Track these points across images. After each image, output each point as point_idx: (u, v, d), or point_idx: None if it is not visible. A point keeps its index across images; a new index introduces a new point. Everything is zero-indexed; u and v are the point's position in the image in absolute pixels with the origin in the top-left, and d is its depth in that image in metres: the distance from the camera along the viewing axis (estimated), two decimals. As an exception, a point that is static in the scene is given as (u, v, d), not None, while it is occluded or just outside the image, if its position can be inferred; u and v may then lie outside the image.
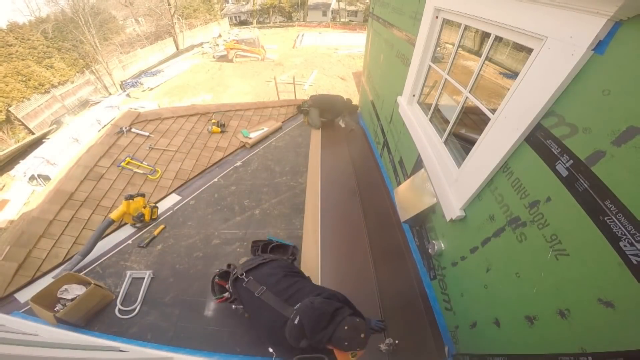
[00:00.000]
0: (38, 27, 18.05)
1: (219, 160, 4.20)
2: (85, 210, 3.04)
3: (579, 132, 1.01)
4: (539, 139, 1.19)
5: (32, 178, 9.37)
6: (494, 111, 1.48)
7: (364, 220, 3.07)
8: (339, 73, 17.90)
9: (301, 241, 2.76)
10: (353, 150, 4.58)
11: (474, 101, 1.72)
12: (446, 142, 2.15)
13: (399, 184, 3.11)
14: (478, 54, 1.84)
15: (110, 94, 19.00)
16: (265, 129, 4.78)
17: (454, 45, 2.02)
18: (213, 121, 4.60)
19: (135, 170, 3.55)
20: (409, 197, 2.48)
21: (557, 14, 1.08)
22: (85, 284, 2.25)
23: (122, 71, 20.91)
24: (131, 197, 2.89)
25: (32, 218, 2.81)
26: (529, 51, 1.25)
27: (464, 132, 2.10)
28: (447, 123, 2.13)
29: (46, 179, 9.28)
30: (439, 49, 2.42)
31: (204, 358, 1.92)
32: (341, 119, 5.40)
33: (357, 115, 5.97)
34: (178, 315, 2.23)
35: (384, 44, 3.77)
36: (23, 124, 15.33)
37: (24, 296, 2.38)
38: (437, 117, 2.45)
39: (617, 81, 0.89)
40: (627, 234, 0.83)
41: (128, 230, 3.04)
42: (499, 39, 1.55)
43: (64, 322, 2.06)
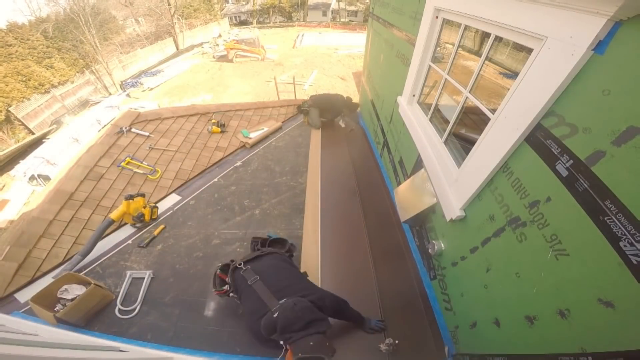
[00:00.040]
0: (38, 27, 18.07)
1: (219, 160, 4.20)
2: (85, 210, 3.04)
3: (579, 132, 1.01)
4: (539, 139, 1.19)
5: (32, 178, 9.38)
6: (494, 111, 1.48)
7: (364, 220, 3.07)
8: (339, 73, 17.90)
9: (301, 241, 2.76)
10: (353, 150, 4.58)
11: (474, 101, 1.72)
12: (446, 142, 2.15)
13: (399, 184, 3.11)
14: (478, 54, 1.84)
15: (110, 94, 19.01)
16: (265, 129, 4.78)
17: (454, 45, 2.02)
18: (213, 121, 4.60)
19: (135, 170, 3.56)
20: (409, 197, 2.48)
21: (557, 14, 1.08)
22: (85, 284, 2.25)
23: (122, 71, 20.92)
24: (131, 197, 2.89)
25: (32, 218, 2.81)
26: (529, 51, 1.25)
27: (464, 132, 2.10)
28: (447, 123, 2.13)
29: (46, 179, 9.28)
30: (439, 49, 2.42)
31: (204, 358, 1.92)
32: (341, 118, 5.38)
33: (357, 115, 5.96)
34: (178, 315, 2.23)
35: (384, 44, 3.77)
36: (23, 124, 15.34)
37: (24, 296, 2.38)
38: (437, 117, 2.44)
39: (617, 81, 0.89)
40: (627, 234, 0.83)
41: (128, 230, 3.05)
42: (499, 39, 1.55)
43: (64, 322, 2.07)
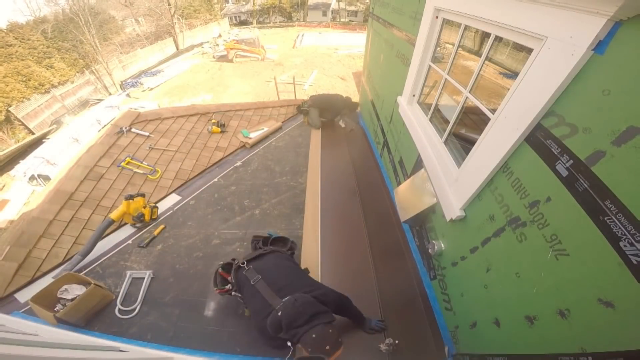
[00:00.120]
0: (38, 27, 18.06)
1: (219, 160, 4.20)
2: (85, 210, 3.04)
3: (579, 132, 1.01)
4: (539, 139, 1.19)
5: (32, 178, 9.38)
6: (494, 111, 1.48)
7: (364, 220, 3.07)
8: (339, 73, 17.90)
9: (301, 241, 2.76)
10: (353, 150, 4.58)
11: (474, 101, 1.72)
12: (446, 142, 2.15)
13: (399, 184, 3.11)
14: (478, 54, 1.84)
15: (110, 94, 19.01)
16: (265, 129, 4.78)
17: (454, 45, 2.02)
18: (213, 121, 4.60)
19: (135, 170, 3.56)
20: (409, 197, 2.48)
21: (557, 14, 1.08)
22: (85, 284, 2.25)
23: (122, 71, 20.92)
24: (131, 197, 2.89)
25: (32, 218, 2.81)
26: (529, 51, 1.25)
27: (464, 132, 2.10)
28: (447, 123, 2.13)
29: (46, 179, 9.28)
30: (439, 49, 2.42)
31: (204, 358, 1.92)
32: (341, 118, 5.38)
33: (357, 115, 5.96)
34: (178, 315, 2.23)
35: (384, 44, 3.77)
36: (23, 124, 15.35)
37: (24, 296, 2.38)
38: (437, 117, 2.44)
39: (617, 81, 0.89)
40: (627, 234, 0.83)
41: (128, 230, 3.05)
42: (499, 39, 1.55)
43: (64, 322, 2.07)
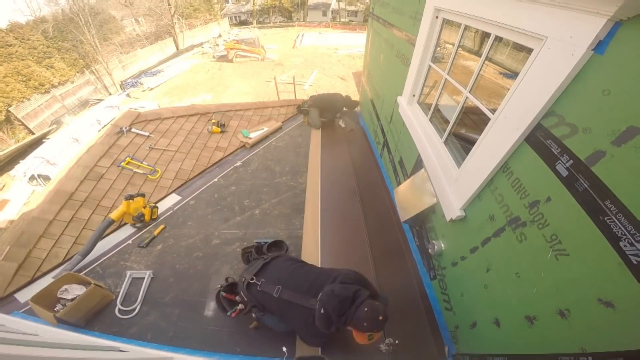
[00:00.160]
0: (38, 27, 18.06)
1: (219, 160, 4.20)
2: (85, 210, 3.04)
3: (579, 132, 1.01)
4: (539, 139, 1.19)
5: (32, 178, 9.37)
6: (494, 111, 1.48)
7: (364, 220, 3.07)
8: (339, 73, 17.90)
9: (301, 241, 2.76)
10: (353, 150, 4.58)
11: (474, 101, 1.72)
12: (446, 142, 2.15)
13: (399, 184, 3.11)
14: (478, 54, 1.84)
15: (110, 94, 19.01)
16: (265, 129, 4.78)
17: (454, 45, 2.02)
18: (213, 121, 4.60)
19: (135, 170, 3.56)
20: (409, 197, 2.48)
21: (557, 14, 1.08)
22: (85, 284, 2.25)
23: (122, 71, 20.91)
24: (131, 197, 2.89)
25: (32, 218, 2.81)
26: (529, 51, 1.25)
27: (464, 132, 2.10)
28: (447, 123, 2.13)
29: (46, 179, 9.28)
30: (439, 49, 2.42)
31: (203, 358, 1.92)
32: (341, 118, 5.38)
33: (357, 115, 5.96)
34: (178, 315, 2.23)
35: (384, 44, 3.77)
36: (23, 124, 15.34)
37: (24, 296, 2.38)
38: (437, 117, 2.44)
39: (617, 81, 0.88)
40: (627, 234, 0.83)
41: (128, 230, 3.05)
42: (499, 39, 1.55)
43: (64, 322, 2.07)
